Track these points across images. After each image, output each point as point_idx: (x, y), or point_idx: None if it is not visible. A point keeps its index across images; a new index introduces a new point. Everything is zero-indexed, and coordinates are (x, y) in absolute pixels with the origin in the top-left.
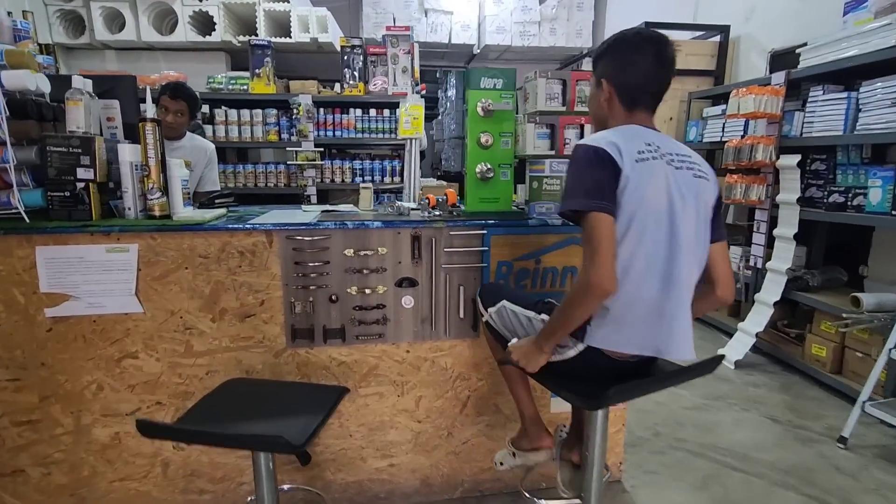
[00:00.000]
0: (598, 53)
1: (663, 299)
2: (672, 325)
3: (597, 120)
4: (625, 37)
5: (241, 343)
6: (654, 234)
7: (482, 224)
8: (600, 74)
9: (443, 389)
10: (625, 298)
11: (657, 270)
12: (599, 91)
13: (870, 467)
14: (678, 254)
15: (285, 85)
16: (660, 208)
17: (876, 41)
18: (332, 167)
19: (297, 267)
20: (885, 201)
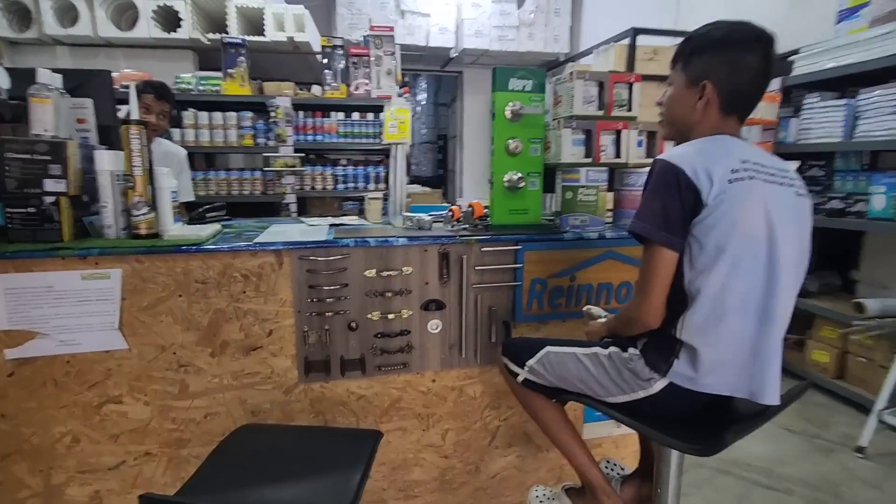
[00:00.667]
0: (697, 47)
1: (759, 338)
2: (766, 366)
3: (678, 126)
4: (736, 31)
5: (245, 380)
6: (750, 266)
7: (515, 238)
8: (701, 74)
9: (471, 420)
10: (715, 339)
11: (754, 307)
12: (692, 93)
13: (891, 478)
14: (777, 288)
15: (259, 87)
16: (757, 235)
17: (876, 49)
18: (312, 174)
19: (311, 291)
20: (890, 207)
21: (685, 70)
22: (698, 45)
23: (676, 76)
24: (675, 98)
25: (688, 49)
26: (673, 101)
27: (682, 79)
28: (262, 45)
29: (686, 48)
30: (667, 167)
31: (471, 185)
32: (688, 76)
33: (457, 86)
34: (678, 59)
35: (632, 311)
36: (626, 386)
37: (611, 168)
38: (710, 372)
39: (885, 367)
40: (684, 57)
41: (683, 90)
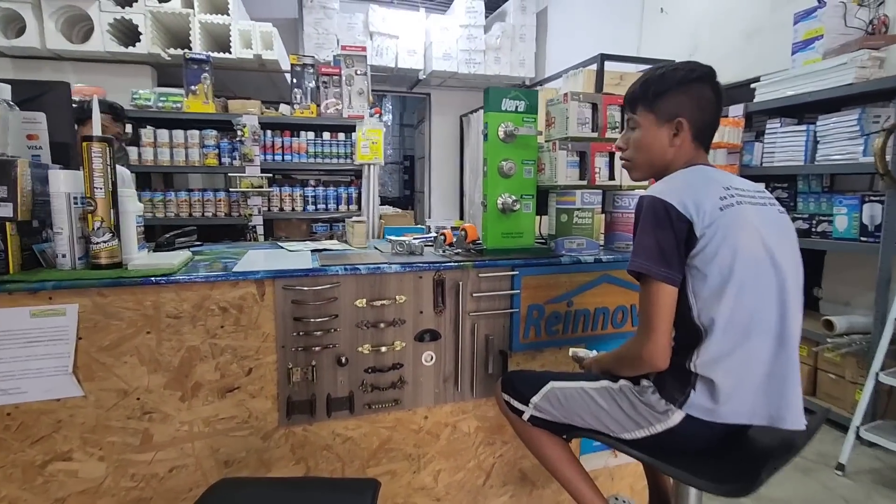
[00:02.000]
0: (661, 89)
1: (776, 360)
2: (785, 389)
3: (654, 166)
4: (692, 70)
5: (219, 426)
6: (758, 288)
7: (512, 263)
8: (673, 112)
9: (465, 459)
10: (732, 366)
11: (768, 329)
12: (665, 131)
13: (873, 495)
14: (787, 307)
15: (223, 104)
16: (759, 257)
17: (831, 79)
18: (280, 195)
19: (296, 324)
20: (852, 228)
21: (653, 111)
22: (661, 86)
23: (644, 118)
24: (647, 139)
25: (650, 92)
26: (645, 143)
27: (651, 120)
28: (227, 62)
29: (647, 91)
30: (655, 203)
31: (439, 206)
32: (657, 116)
33: (425, 107)
34: (639, 103)
35: (637, 351)
36: (643, 420)
37: (603, 190)
38: (728, 400)
39: (854, 382)
40: (648, 99)
41: (656, 130)
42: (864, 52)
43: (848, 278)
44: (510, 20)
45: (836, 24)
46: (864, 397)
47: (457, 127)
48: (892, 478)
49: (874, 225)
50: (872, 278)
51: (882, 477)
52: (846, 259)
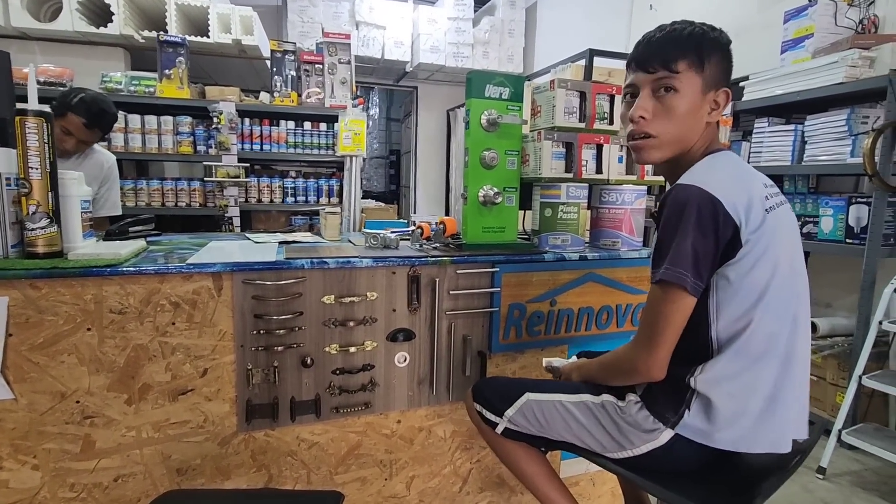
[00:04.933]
0: (714, 49)
1: (783, 382)
2: (791, 412)
3: (683, 143)
4: (717, 30)
5: (170, 431)
6: (780, 308)
7: (493, 259)
8: (720, 80)
9: (440, 465)
10: (736, 389)
11: (779, 350)
12: (707, 102)
13: (852, 499)
14: (800, 324)
15: (200, 91)
16: (789, 273)
17: (820, 78)
18: (258, 185)
19: (257, 321)
20: (838, 230)
21: (702, 73)
22: (715, 45)
23: (688, 80)
24: (689, 106)
25: (704, 47)
26: (685, 112)
27: (697, 84)
28: (204, 47)
29: (700, 45)
30: (704, 198)
31: (425, 202)
32: (704, 81)
33: (411, 101)
34: (684, 59)
35: (633, 361)
36: (626, 441)
37: (589, 184)
38: (727, 426)
39: (835, 384)
40: (697, 54)
41: (700, 99)
42: (855, 52)
43: (831, 280)
44: (499, 14)
45: (826, 23)
46: (846, 401)
47: (443, 121)
48: (872, 480)
49: (860, 227)
50: (855, 280)
51: (862, 479)
52: (829, 261)
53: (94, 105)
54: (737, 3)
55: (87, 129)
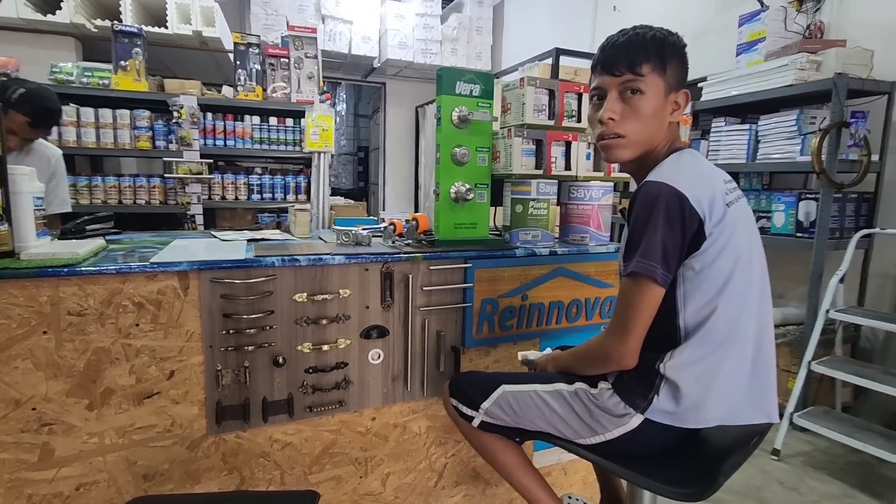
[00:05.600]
0: (674, 53)
1: (755, 367)
2: (764, 390)
3: (650, 142)
4: (674, 35)
5: (135, 436)
6: (744, 295)
7: (465, 255)
8: (677, 83)
9: (415, 461)
10: (702, 372)
11: (745, 335)
12: (668, 103)
13: (805, 478)
14: (765, 308)
15: (159, 83)
16: (750, 262)
17: (772, 80)
18: (222, 182)
19: (226, 321)
20: (789, 224)
21: (664, 76)
22: (675, 49)
23: (653, 82)
24: (654, 107)
25: (665, 51)
26: (651, 113)
27: (660, 86)
28: (163, 38)
29: (661, 49)
30: (671, 193)
31: (394, 198)
32: (667, 83)
33: (380, 97)
34: (648, 62)
35: (606, 350)
36: (598, 426)
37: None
38: (693, 406)
39: (787, 371)
40: (659, 58)
41: (663, 100)
42: (803, 56)
43: (783, 272)
44: (467, 11)
45: (777, 28)
46: (797, 386)
47: (412, 118)
48: (822, 460)
49: (809, 221)
50: (805, 272)
51: (813, 460)
52: (782, 254)
53: (39, 102)
54: (696, 6)
55: (32, 127)
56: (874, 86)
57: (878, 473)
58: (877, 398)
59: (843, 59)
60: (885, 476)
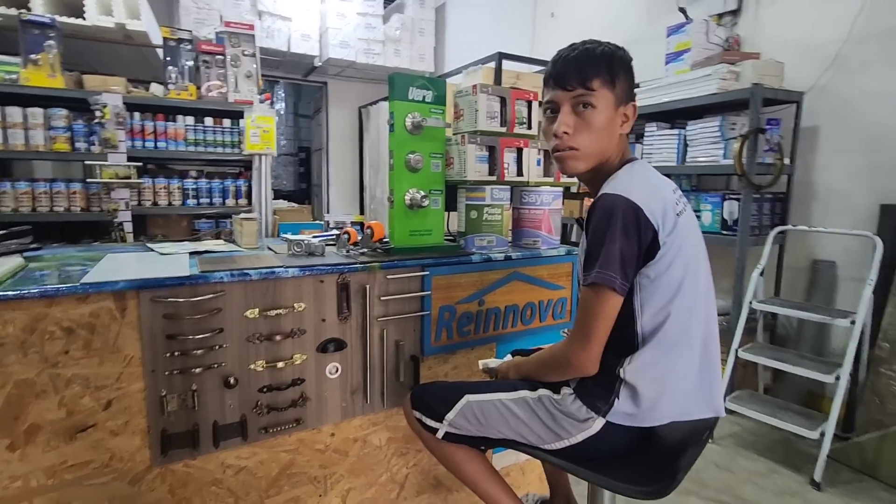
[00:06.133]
0: (623, 67)
1: (702, 366)
2: (711, 386)
3: (603, 154)
4: (622, 50)
5: (67, 476)
6: (695, 298)
7: (422, 263)
8: (628, 94)
9: (376, 474)
10: (658, 374)
11: (695, 337)
12: (618, 116)
13: (736, 457)
14: (711, 311)
15: (76, 79)
16: (697, 269)
17: (697, 88)
18: (153, 187)
19: (170, 343)
20: (715, 222)
21: (614, 90)
22: (623, 64)
23: (603, 96)
24: (606, 121)
25: (613, 66)
26: (603, 125)
27: (610, 100)
28: (80, 30)
29: (610, 64)
30: (627, 206)
31: (338, 201)
32: (616, 97)
33: (321, 97)
34: (598, 77)
35: (568, 357)
36: (563, 431)
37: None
38: (651, 406)
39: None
40: (608, 72)
41: (613, 113)
42: (724, 66)
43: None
44: (409, 12)
45: (701, 39)
46: (726, 372)
47: (356, 119)
48: (749, 440)
49: (732, 220)
50: (730, 267)
51: (742, 440)
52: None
53: None
54: (628, 16)
55: None
56: (785, 95)
57: (796, 448)
58: (793, 379)
59: (759, 70)
60: (802, 450)
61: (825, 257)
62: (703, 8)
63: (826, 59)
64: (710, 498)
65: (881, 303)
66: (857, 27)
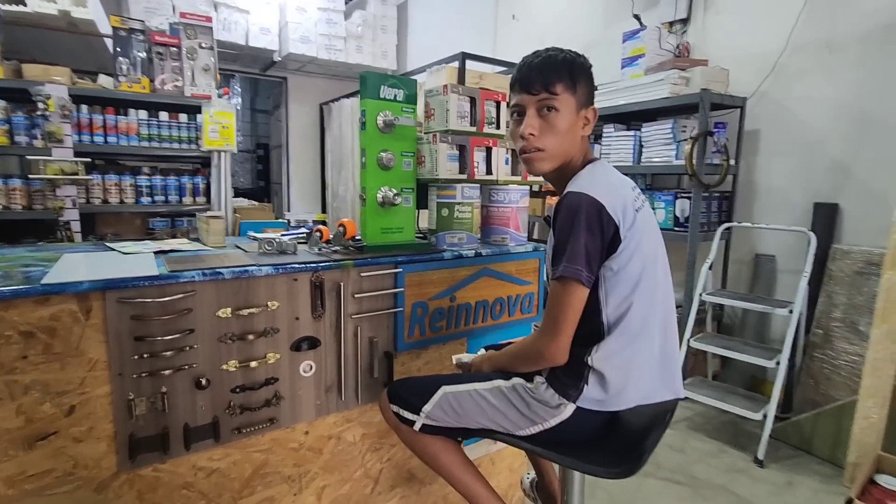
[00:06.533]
0: (583, 73)
1: (662, 353)
2: (671, 370)
3: (566, 155)
4: (582, 56)
5: (27, 486)
6: (655, 289)
7: (396, 260)
8: (589, 98)
9: (351, 470)
10: (624, 361)
11: (654, 325)
12: (580, 119)
13: (688, 440)
14: (670, 300)
15: (15, 69)
16: (656, 261)
17: (651, 92)
18: (103, 183)
19: (138, 345)
20: (668, 220)
21: (575, 94)
22: (583, 69)
23: (566, 100)
24: (569, 123)
25: (574, 71)
26: (566, 128)
27: (572, 104)
28: (20, 17)
29: (571, 70)
30: (591, 203)
31: (299, 199)
32: (577, 101)
33: (281, 92)
34: (560, 82)
35: (539, 349)
36: (537, 416)
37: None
38: (617, 392)
39: None
40: (570, 78)
41: (575, 116)
42: (675, 72)
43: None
44: (371, 9)
45: (654, 46)
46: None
47: (317, 115)
48: (700, 423)
49: (684, 217)
50: (682, 261)
51: (693, 423)
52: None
53: None
54: (585, 20)
55: None
56: (730, 100)
57: (742, 429)
58: (738, 365)
59: (707, 76)
60: (748, 431)
61: (766, 251)
62: (655, 15)
63: (766, 68)
64: (666, 478)
65: (815, 293)
66: (793, 39)
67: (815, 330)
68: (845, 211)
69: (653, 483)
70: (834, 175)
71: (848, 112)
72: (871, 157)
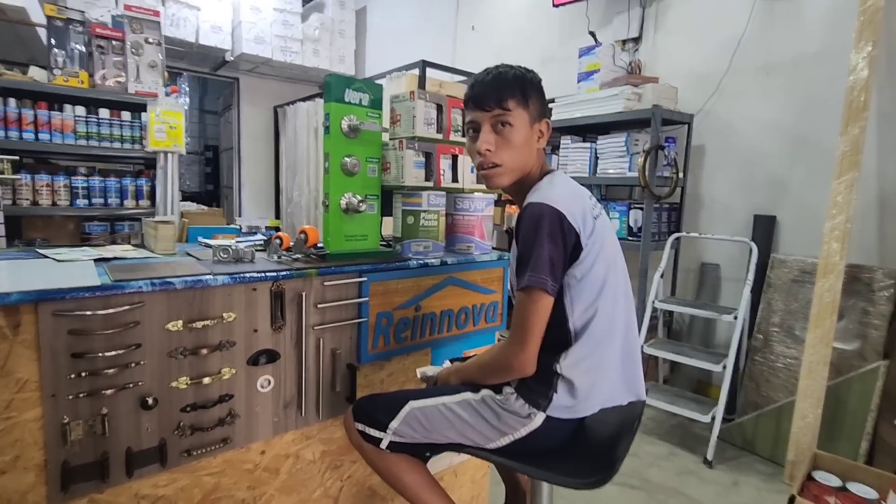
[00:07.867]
0: (530, 86)
1: (624, 355)
2: (633, 373)
3: (523, 168)
4: (531, 72)
5: None
6: (617, 293)
7: (360, 269)
8: (541, 112)
9: (309, 490)
10: (590, 366)
11: (618, 329)
12: (533, 133)
13: (641, 443)
14: (631, 305)
15: None
16: (616, 266)
17: (605, 106)
18: (32, 184)
19: (76, 362)
20: (622, 230)
21: (527, 109)
22: (533, 85)
23: (519, 116)
24: (523, 138)
25: (526, 87)
26: (521, 143)
27: (525, 119)
28: None
29: (523, 86)
30: (552, 213)
31: (251, 204)
32: (530, 115)
33: (232, 93)
34: (513, 98)
35: (508, 360)
36: (507, 427)
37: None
38: (585, 398)
39: None
40: (522, 93)
41: (528, 131)
42: (628, 88)
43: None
44: (328, 13)
45: (608, 62)
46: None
47: (271, 118)
48: (652, 426)
49: (637, 227)
50: (635, 269)
51: (646, 427)
52: None
53: None
54: (543, 35)
55: None
56: (679, 116)
57: (691, 432)
58: (686, 369)
59: (658, 93)
60: (697, 433)
61: (711, 260)
62: (610, 33)
63: (711, 87)
64: (622, 483)
65: (756, 300)
66: (735, 62)
67: (756, 335)
68: (782, 222)
69: (609, 488)
70: (772, 189)
71: (783, 131)
72: (805, 173)
